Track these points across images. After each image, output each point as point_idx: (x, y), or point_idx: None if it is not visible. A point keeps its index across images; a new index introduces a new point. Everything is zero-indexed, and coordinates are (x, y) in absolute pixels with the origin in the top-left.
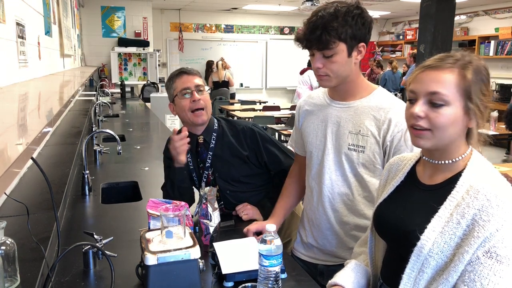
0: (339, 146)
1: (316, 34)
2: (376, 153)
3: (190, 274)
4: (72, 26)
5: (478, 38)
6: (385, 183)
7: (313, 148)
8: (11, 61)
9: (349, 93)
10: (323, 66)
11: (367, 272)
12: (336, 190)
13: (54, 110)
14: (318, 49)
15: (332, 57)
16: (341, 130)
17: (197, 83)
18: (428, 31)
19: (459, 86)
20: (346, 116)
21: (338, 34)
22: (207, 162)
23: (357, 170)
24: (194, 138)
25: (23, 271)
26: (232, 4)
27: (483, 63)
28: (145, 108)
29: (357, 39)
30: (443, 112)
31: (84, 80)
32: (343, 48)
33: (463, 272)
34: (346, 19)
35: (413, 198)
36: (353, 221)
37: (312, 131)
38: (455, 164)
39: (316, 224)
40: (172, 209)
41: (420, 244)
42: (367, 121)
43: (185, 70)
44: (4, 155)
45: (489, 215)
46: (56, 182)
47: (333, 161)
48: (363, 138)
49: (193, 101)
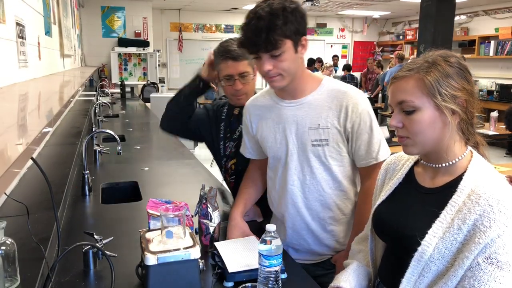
0: (302, 144)
1: (262, 36)
2: (339, 142)
3: (190, 274)
4: (72, 26)
5: (478, 38)
6: (383, 184)
7: (274, 152)
8: (11, 61)
9: (298, 90)
10: (273, 67)
11: (368, 273)
12: (306, 189)
13: (54, 110)
14: (266, 50)
15: (280, 56)
16: (301, 128)
17: (241, 70)
18: (428, 31)
19: (422, 89)
20: (302, 113)
21: (283, 31)
22: (235, 134)
23: (325, 163)
24: (231, 108)
25: (23, 271)
26: (232, 4)
27: (449, 58)
28: (145, 108)
29: (300, 33)
30: (416, 117)
31: (84, 80)
32: (289, 45)
33: (463, 277)
34: (286, 16)
35: (413, 202)
36: (329, 215)
37: (269, 135)
38: (454, 166)
39: (290, 226)
40: (172, 209)
41: (421, 249)
42: (323, 113)
43: (231, 55)
44: (4, 155)
45: (490, 221)
46: (56, 182)
47: (298, 161)
48: (324, 131)
49: (235, 90)
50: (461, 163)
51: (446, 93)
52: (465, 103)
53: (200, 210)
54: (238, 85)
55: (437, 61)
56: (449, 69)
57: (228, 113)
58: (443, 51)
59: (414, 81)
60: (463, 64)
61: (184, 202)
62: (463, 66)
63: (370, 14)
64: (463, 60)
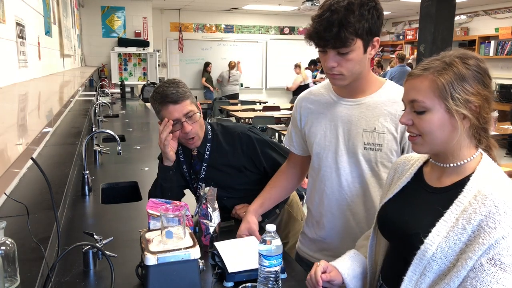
0: (354, 146)
1: (333, 32)
2: (393, 150)
3: (190, 274)
4: (72, 26)
5: (478, 38)
6: (391, 183)
7: (321, 149)
8: (11, 61)
9: (359, 90)
10: (337, 64)
11: (364, 262)
12: (354, 192)
13: (54, 110)
14: (333, 47)
15: (347, 54)
16: (354, 129)
17: (186, 110)
18: (428, 31)
19: (435, 91)
20: (358, 113)
21: (356, 30)
22: (201, 173)
23: (375, 169)
24: (188, 151)
25: (23, 271)
26: (232, 4)
27: (467, 60)
28: (145, 108)
29: (373, 33)
30: (426, 118)
31: (84, 80)
32: (359, 44)
33: (465, 278)
34: (362, 13)
35: (419, 200)
36: (368, 222)
37: (319, 131)
38: (462, 167)
39: (330, 228)
40: (172, 209)
41: (424, 247)
42: (381, 117)
43: (170, 99)
44: (4, 155)
45: (495, 222)
46: (56, 182)
47: (347, 163)
48: (379, 135)
49: (185, 133)
50: (470, 165)
51: (459, 97)
52: (478, 108)
53: (200, 210)
54: (187, 127)
55: (454, 63)
56: (466, 71)
57: (185, 155)
58: (463, 52)
59: (428, 82)
60: (482, 67)
61: (184, 202)
62: (481, 69)
63: None
64: (483, 63)
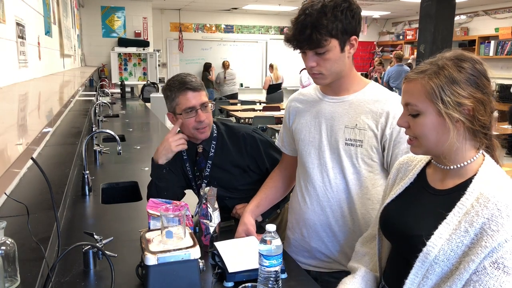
0: (335, 141)
1: (306, 34)
2: (374, 146)
3: (190, 274)
4: (72, 26)
5: (478, 38)
6: (394, 183)
7: (305, 145)
8: (11, 61)
9: (342, 88)
10: (316, 64)
11: (376, 279)
12: (334, 188)
13: (54, 110)
14: (309, 48)
15: (324, 54)
16: (336, 125)
17: (202, 100)
18: (428, 31)
19: (426, 94)
20: (341, 110)
21: (329, 31)
22: (205, 171)
23: (356, 165)
24: (193, 147)
25: (23, 271)
26: (232, 4)
27: (461, 62)
28: (145, 108)
29: (348, 33)
30: (419, 121)
31: (84, 80)
32: (335, 44)
33: (468, 281)
34: (335, 14)
35: (422, 202)
36: (351, 220)
37: (304, 127)
38: (463, 169)
39: (310, 225)
40: (172, 209)
41: (426, 250)
42: (363, 114)
43: (190, 86)
44: (4, 155)
45: (498, 225)
46: (56, 182)
47: (330, 158)
48: (360, 131)
49: (199, 121)
50: (471, 166)
51: (450, 100)
52: (472, 111)
53: (200, 210)
54: (202, 116)
55: (446, 66)
56: (457, 75)
57: (189, 153)
58: (460, 53)
59: (420, 86)
60: (478, 69)
61: (184, 202)
62: (476, 72)
63: (370, 14)
64: (480, 64)
